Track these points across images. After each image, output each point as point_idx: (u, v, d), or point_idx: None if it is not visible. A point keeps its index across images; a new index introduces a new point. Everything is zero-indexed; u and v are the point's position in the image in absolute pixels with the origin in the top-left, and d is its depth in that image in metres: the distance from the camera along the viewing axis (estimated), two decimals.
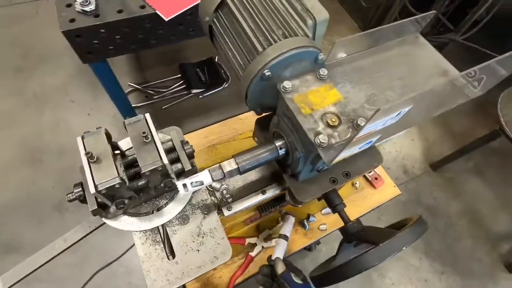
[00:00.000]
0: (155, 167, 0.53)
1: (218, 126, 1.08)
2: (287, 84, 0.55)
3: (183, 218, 0.65)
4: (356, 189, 1.04)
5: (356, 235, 0.68)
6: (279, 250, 0.86)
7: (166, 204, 0.64)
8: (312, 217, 0.97)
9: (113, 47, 1.50)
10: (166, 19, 1.40)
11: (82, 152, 0.52)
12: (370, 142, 0.50)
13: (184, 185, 0.55)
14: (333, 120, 0.52)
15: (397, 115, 0.41)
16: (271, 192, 0.70)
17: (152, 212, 0.63)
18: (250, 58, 0.58)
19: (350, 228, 0.70)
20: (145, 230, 0.62)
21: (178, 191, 0.66)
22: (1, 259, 1.71)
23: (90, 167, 0.51)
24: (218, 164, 0.58)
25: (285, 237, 0.89)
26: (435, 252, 1.96)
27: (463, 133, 2.38)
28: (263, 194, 0.70)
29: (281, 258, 0.70)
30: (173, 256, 0.60)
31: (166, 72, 2.46)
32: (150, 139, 0.55)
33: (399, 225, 0.68)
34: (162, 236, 0.62)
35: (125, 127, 0.57)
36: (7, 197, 1.89)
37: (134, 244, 1.83)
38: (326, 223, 0.98)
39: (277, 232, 0.95)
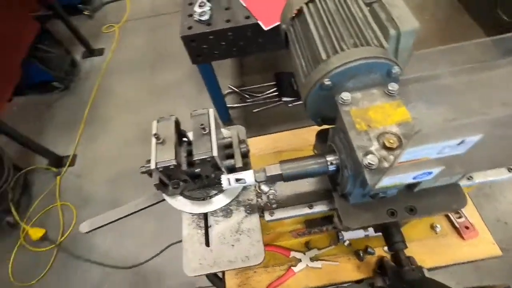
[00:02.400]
0: (205, 157, 0.57)
1: (289, 134, 1.08)
2: (345, 95, 0.51)
3: (227, 211, 0.68)
4: (437, 233, 0.85)
5: (410, 284, 0.57)
6: None
7: (216, 194, 0.69)
8: (370, 249, 0.86)
9: (218, 52, 1.69)
10: (265, 28, 1.49)
11: (153, 132, 0.61)
12: (430, 173, 0.41)
13: (228, 180, 0.58)
14: (391, 141, 0.45)
15: (459, 143, 0.33)
16: (318, 208, 0.66)
17: (203, 199, 0.68)
18: (314, 66, 0.57)
19: (406, 274, 0.59)
20: (193, 214, 0.68)
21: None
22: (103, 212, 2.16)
23: (155, 146, 0.60)
24: (263, 167, 0.58)
25: None
26: None
27: None
28: (310, 208, 0.66)
29: None
30: (209, 244, 0.64)
31: (263, 78, 2.62)
32: (207, 131, 0.60)
33: None
34: (205, 223, 0.67)
35: (191, 117, 0.64)
36: (124, 167, 2.37)
37: None
38: None
39: (326, 255, 0.87)
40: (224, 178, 0.58)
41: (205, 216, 0.68)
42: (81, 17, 3.37)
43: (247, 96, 2.55)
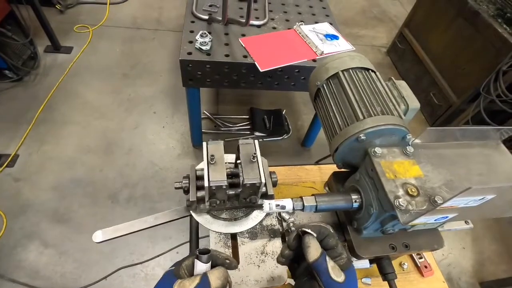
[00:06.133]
0: (255, 182, 0.65)
1: (285, 170, 1.20)
2: (378, 150, 0.66)
3: (252, 234, 0.74)
4: (403, 270, 1.03)
5: None
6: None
7: (242, 217, 0.75)
8: None
9: (210, 80, 1.79)
10: (261, 70, 1.65)
11: (205, 153, 0.67)
12: (446, 217, 0.56)
13: (269, 205, 0.66)
14: (413, 190, 0.60)
15: (480, 199, 0.49)
16: None
17: (230, 220, 0.73)
18: (349, 121, 0.71)
19: None
20: (221, 233, 0.72)
21: (253, 210, 0.77)
22: (50, 227, 1.91)
23: (208, 166, 0.65)
24: (300, 197, 0.68)
25: None
26: None
27: None
28: None
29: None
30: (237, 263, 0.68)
31: (237, 111, 2.75)
32: (255, 160, 0.68)
33: None
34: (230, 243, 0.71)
35: (238, 146, 0.71)
36: (77, 175, 2.16)
37: (160, 255, 1.91)
38: None
39: None
40: (266, 202, 0.66)
41: (232, 236, 0.72)
42: (52, 10, 3.16)
43: (220, 124, 2.64)
